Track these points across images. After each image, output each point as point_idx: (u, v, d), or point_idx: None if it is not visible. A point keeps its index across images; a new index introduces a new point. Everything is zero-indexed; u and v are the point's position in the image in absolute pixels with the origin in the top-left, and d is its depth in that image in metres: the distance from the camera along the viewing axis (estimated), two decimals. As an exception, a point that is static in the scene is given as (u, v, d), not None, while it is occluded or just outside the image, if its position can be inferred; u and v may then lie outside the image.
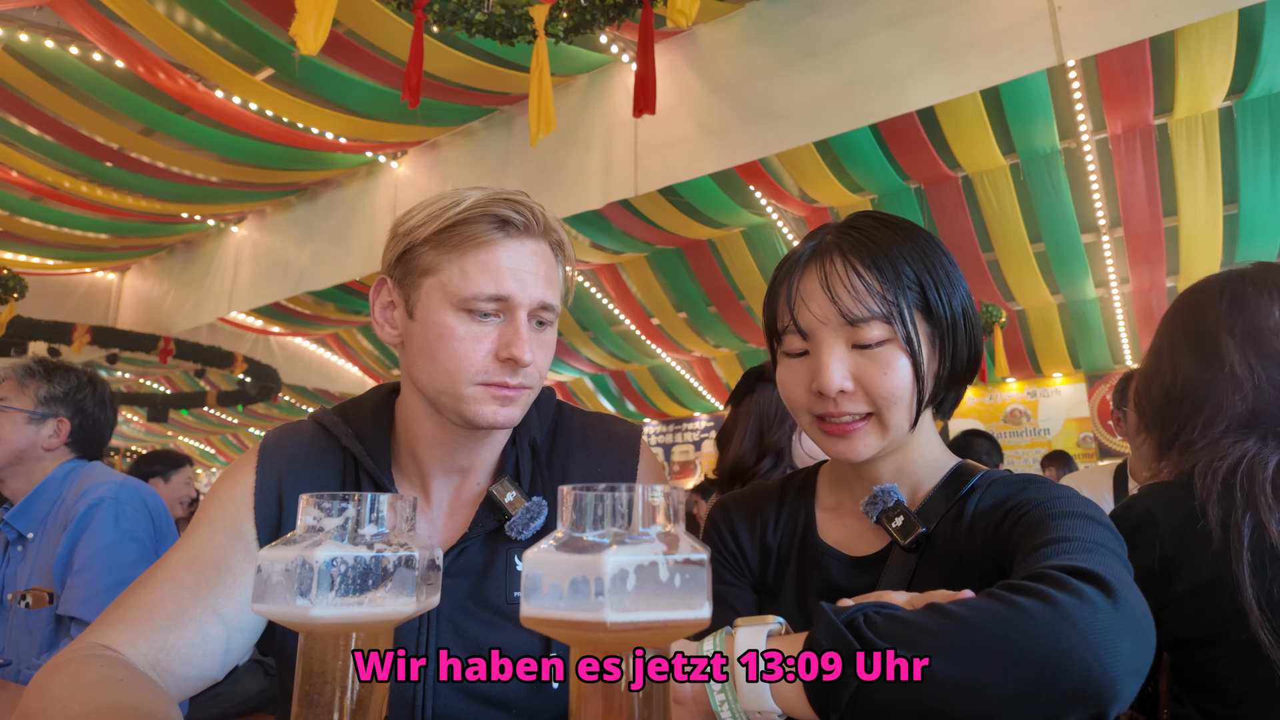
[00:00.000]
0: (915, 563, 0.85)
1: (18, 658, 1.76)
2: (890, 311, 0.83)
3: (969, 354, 0.89)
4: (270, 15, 4.23)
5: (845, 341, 0.85)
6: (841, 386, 0.84)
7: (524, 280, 0.90)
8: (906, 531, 0.85)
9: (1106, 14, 3.51)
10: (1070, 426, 8.52)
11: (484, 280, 0.88)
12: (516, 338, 0.89)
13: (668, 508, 0.45)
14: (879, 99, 4.07)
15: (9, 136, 5.55)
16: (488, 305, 0.89)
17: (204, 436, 14.09)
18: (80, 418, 1.95)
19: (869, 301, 0.83)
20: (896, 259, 0.85)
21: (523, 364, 0.89)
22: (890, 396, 0.84)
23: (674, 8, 2.91)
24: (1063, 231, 5.76)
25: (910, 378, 0.84)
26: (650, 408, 10.47)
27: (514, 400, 0.91)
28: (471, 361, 0.89)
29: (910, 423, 0.86)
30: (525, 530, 0.92)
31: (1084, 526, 0.74)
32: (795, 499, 1.01)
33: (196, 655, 0.84)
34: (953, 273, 0.88)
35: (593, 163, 5.13)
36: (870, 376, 0.84)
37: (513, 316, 0.90)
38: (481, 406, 0.89)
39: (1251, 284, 1.08)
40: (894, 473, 0.92)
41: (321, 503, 0.52)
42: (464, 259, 0.89)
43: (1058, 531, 0.72)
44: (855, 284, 0.84)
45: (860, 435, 0.86)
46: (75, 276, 8.53)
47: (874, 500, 0.88)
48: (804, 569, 0.94)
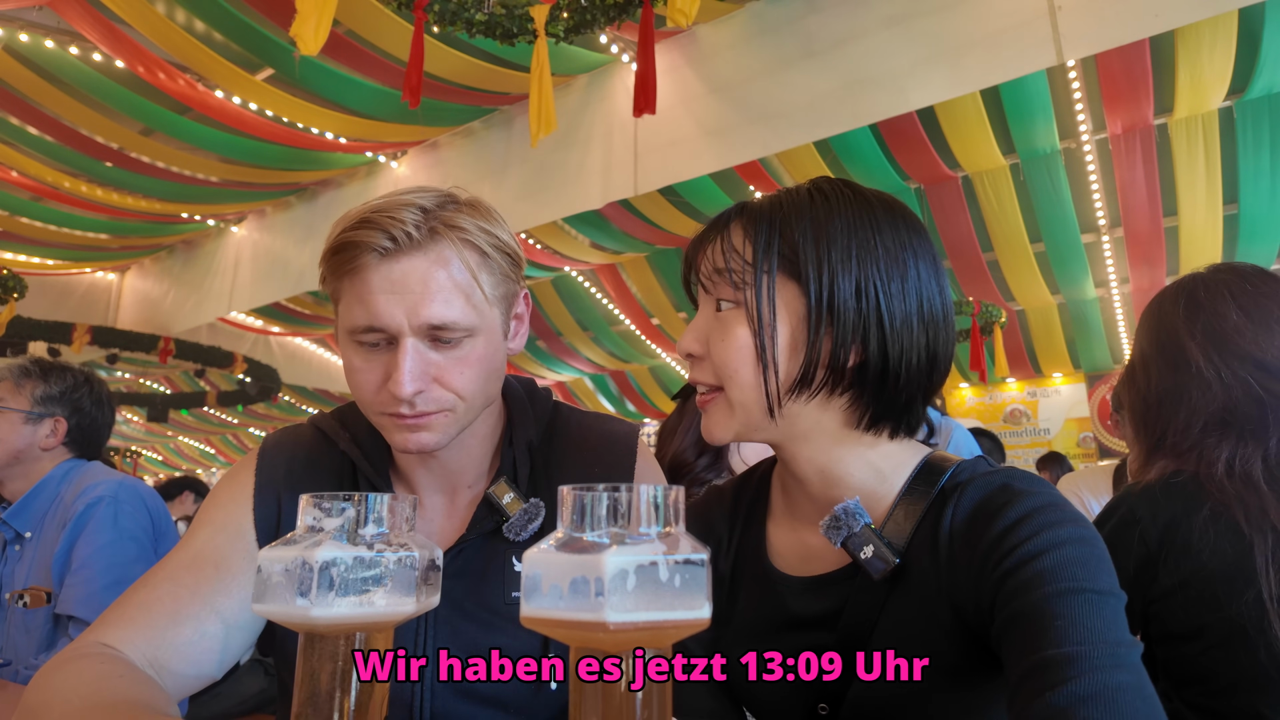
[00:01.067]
0: (886, 592, 0.76)
1: (16, 657, 1.76)
2: (740, 272, 0.76)
3: (893, 359, 0.75)
4: (270, 15, 4.23)
5: (713, 305, 0.79)
6: (689, 349, 0.79)
7: (399, 304, 0.81)
8: (876, 567, 0.74)
9: (1106, 14, 3.51)
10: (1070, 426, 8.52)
11: (358, 311, 0.82)
12: (395, 368, 0.82)
13: (668, 508, 0.45)
14: (879, 99, 4.07)
15: (9, 136, 5.55)
16: (368, 337, 0.83)
17: (204, 436, 14.09)
18: (77, 417, 1.95)
19: (718, 260, 0.77)
20: (779, 223, 0.76)
21: (400, 399, 0.82)
22: (726, 366, 0.76)
23: (674, 7, 2.91)
24: (1063, 231, 5.77)
25: (752, 351, 0.75)
26: (650, 408, 10.47)
27: (424, 426, 0.85)
28: (366, 393, 0.85)
29: (762, 405, 0.76)
30: (523, 532, 0.92)
31: (1086, 613, 0.63)
32: (748, 511, 0.92)
33: (195, 653, 0.84)
34: (876, 262, 0.75)
35: (592, 162, 5.13)
36: (714, 342, 0.78)
37: (396, 345, 0.82)
38: (392, 435, 0.87)
39: (1204, 287, 1.10)
40: (822, 477, 0.80)
41: (321, 503, 0.52)
42: (344, 287, 0.84)
43: (1059, 640, 0.62)
44: (720, 244, 0.78)
45: (711, 410, 0.79)
46: (75, 276, 8.53)
47: (836, 523, 0.76)
48: (755, 595, 0.86)
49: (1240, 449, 0.98)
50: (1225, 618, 0.93)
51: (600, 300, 8.01)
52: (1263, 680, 0.92)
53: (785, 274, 0.75)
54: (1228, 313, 1.06)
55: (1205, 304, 1.08)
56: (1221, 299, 1.08)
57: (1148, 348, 1.15)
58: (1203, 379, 1.04)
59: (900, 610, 0.75)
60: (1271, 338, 1.03)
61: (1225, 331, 1.05)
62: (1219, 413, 1.02)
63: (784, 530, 0.87)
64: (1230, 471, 0.98)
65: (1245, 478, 0.96)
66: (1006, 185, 5.27)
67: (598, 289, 7.86)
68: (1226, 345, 1.05)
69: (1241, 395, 1.01)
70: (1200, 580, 0.96)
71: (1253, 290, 1.07)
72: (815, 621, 0.80)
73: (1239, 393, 1.01)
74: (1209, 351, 1.05)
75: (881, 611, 0.75)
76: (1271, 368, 1.01)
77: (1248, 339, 1.04)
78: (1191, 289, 1.11)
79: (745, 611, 0.86)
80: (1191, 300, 1.10)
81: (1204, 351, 1.05)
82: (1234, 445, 0.99)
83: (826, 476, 0.80)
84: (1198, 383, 1.05)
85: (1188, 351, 1.07)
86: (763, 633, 0.84)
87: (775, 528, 0.89)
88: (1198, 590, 0.96)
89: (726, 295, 0.77)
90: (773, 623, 0.83)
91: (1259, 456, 0.97)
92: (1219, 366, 1.04)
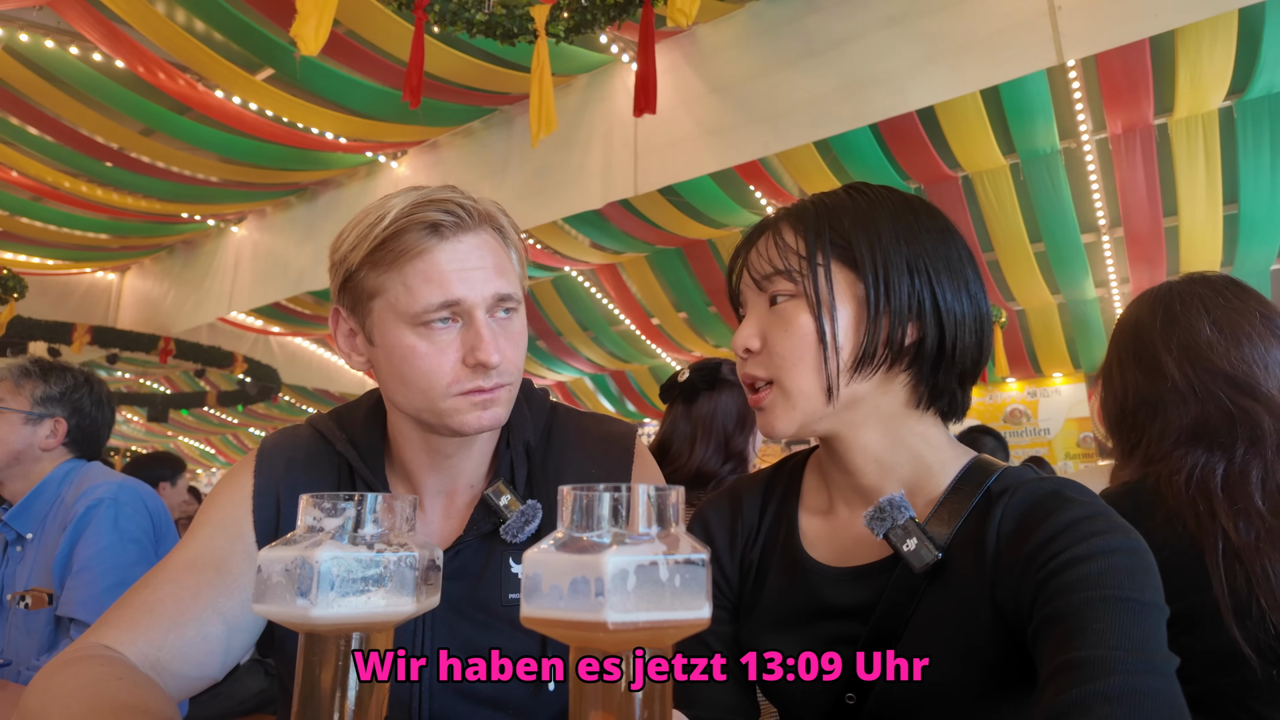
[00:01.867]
0: (924, 584, 0.76)
1: (17, 658, 1.76)
2: (797, 265, 0.79)
3: (949, 335, 0.79)
4: (270, 15, 4.23)
5: (765, 302, 0.82)
6: (747, 344, 0.81)
7: (471, 279, 0.85)
8: (920, 559, 0.75)
9: (1106, 14, 3.51)
10: (1070, 426, 8.52)
11: (429, 290, 0.84)
12: (480, 341, 0.85)
13: (668, 508, 0.45)
14: (879, 99, 4.07)
15: (9, 136, 5.55)
16: (440, 314, 0.84)
17: (204, 436, 14.09)
18: (77, 417, 1.95)
19: (774, 258, 0.81)
20: (827, 215, 0.81)
21: (491, 366, 0.85)
22: (790, 354, 0.78)
23: (674, 6, 2.91)
24: (1063, 231, 5.76)
25: (814, 337, 0.78)
26: (650, 408, 10.46)
27: (495, 401, 0.88)
28: (440, 376, 0.85)
29: (823, 390, 0.78)
30: (520, 534, 0.92)
31: (1125, 620, 0.63)
32: (780, 500, 0.93)
33: (197, 654, 0.84)
34: (928, 240, 0.79)
35: (592, 163, 5.13)
36: (774, 334, 0.80)
37: (471, 319, 0.86)
38: (464, 416, 0.87)
39: (1179, 300, 1.15)
40: (877, 466, 0.82)
41: (321, 503, 0.52)
42: (404, 274, 0.85)
43: (1094, 642, 0.62)
44: (771, 243, 0.82)
45: (770, 406, 0.81)
46: (75, 276, 8.53)
47: (880, 514, 0.77)
48: (785, 582, 0.86)
49: (1206, 459, 1.03)
50: (1182, 610, 0.99)
51: (600, 300, 8.01)
52: (1228, 664, 0.96)
53: (839, 261, 0.79)
54: (1201, 327, 1.10)
55: (1180, 318, 1.13)
56: (1196, 313, 1.12)
57: (1125, 355, 1.19)
58: (1178, 392, 1.09)
59: (936, 605, 0.76)
60: (1241, 352, 1.07)
61: (1199, 346, 1.09)
62: (1191, 425, 1.07)
63: (818, 520, 0.88)
64: (1190, 480, 1.02)
65: (1201, 485, 1.01)
66: (1006, 185, 5.27)
67: (598, 289, 7.86)
68: (1200, 360, 1.09)
69: (1214, 409, 1.05)
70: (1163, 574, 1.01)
71: (1225, 305, 1.12)
72: (848, 612, 0.80)
73: (1211, 406, 1.05)
74: (1184, 366, 1.10)
75: (918, 607, 0.76)
76: (1241, 383, 1.05)
77: (1219, 354, 1.08)
78: (1168, 301, 1.16)
79: (773, 598, 0.87)
80: (1168, 313, 1.14)
81: (1179, 366, 1.10)
82: (1200, 456, 1.04)
83: (880, 465, 0.82)
84: (1173, 396, 1.09)
85: (1164, 365, 1.12)
86: (792, 620, 0.84)
87: (808, 517, 0.89)
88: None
89: (784, 289, 0.80)
90: (803, 611, 0.83)
91: (1221, 466, 1.02)
92: (1193, 381, 1.08)
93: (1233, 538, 0.96)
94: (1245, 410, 1.03)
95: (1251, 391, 1.04)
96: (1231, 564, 0.96)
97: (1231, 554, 0.96)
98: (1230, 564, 0.96)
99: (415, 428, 0.93)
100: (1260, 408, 1.02)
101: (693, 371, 1.89)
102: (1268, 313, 1.11)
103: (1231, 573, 0.95)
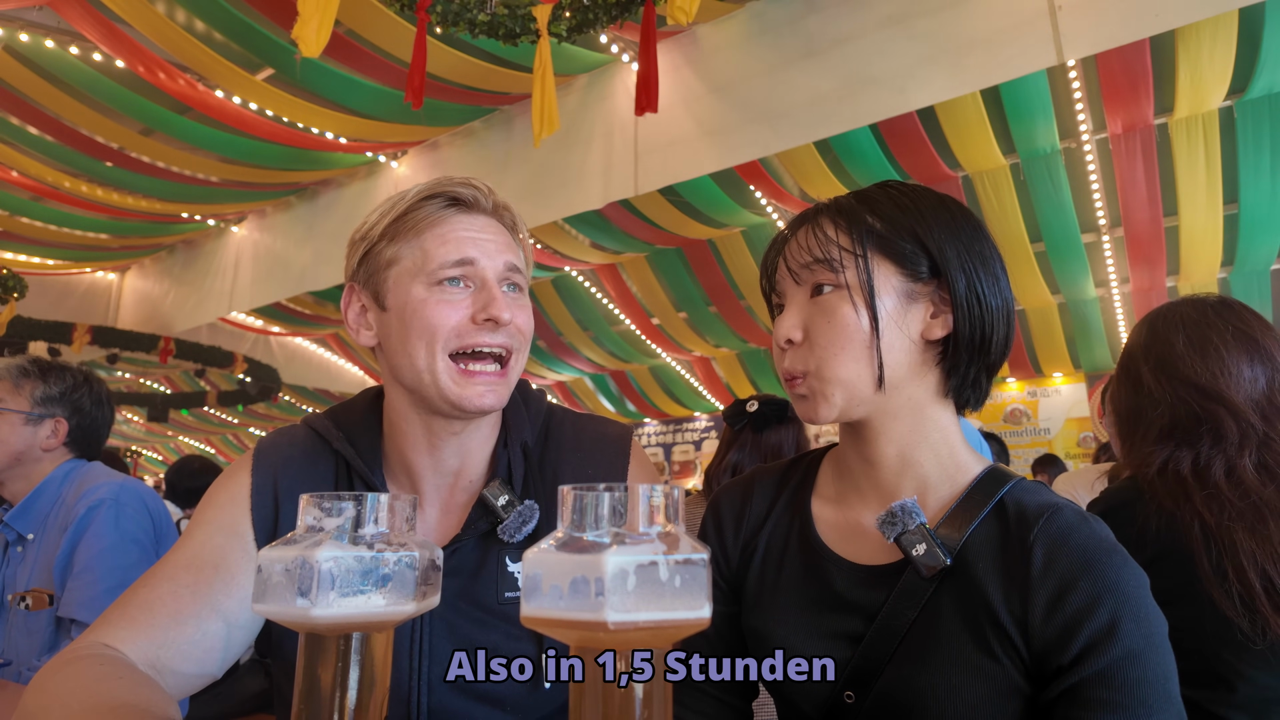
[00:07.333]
0: (931, 591, 0.78)
1: (18, 658, 1.75)
2: (838, 256, 0.80)
3: (985, 326, 0.81)
4: (271, 15, 4.23)
5: (806, 294, 0.83)
6: (789, 335, 0.82)
7: (485, 247, 0.91)
8: (929, 564, 0.77)
9: (1106, 14, 3.51)
10: (1070, 426, 8.51)
11: (445, 250, 0.89)
12: (492, 299, 0.89)
13: (667, 508, 0.45)
14: (879, 99, 4.07)
15: (9, 136, 5.55)
16: (454, 271, 0.89)
17: (204, 436, 14.09)
18: (78, 417, 1.94)
19: (815, 249, 0.82)
20: (866, 207, 0.83)
21: (502, 323, 0.89)
22: (833, 344, 0.79)
23: (674, 5, 2.91)
24: (1063, 231, 5.76)
25: (856, 326, 0.79)
26: (650, 408, 10.47)
27: (491, 382, 0.91)
28: (446, 324, 0.88)
29: (870, 379, 0.80)
30: (517, 534, 0.93)
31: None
32: (794, 490, 0.94)
33: (197, 652, 0.84)
34: (965, 235, 0.82)
35: (593, 163, 5.13)
36: (816, 325, 0.81)
37: (484, 283, 0.91)
38: (463, 390, 0.89)
39: (1162, 320, 1.29)
40: (899, 460, 0.83)
41: (322, 503, 0.52)
42: (421, 239, 0.91)
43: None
44: (811, 235, 0.83)
45: (811, 395, 0.82)
46: (75, 276, 8.53)
47: (891, 519, 0.79)
48: (801, 575, 0.87)
49: (1175, 453, 1.18)
50: (1175, 584, 1.08)
51: (600, 300, 8.01)
52: (1215, 627, 1.07)
53: (879, 253, 0.81)
54: (1175, 341, 1.24)
55: (1160, 334, 1.27)
56: (1174, 329, 1.26)
57: (1120, 372, 1.35)
58: (1153, 399, 1.23)
59: (941, 609, 0.77)
60: (1208, 363, 1.21)
61: (1172, 358, 1.24)
62: (1165, 426, 1.21)
63: (830, 511, 0.90)
64: (1163, 470, 1.17)
65: (1175, 474, 1.15)
66: (1006, 185, 5.27)
67: (598, 289, 7.86)
68: (1171, 370, 1.23)
69: (1184, 413, 1.19)
70: (1157, 558, 1.12)
71: (1199, 321, 1.25)
72: (856, 608, 0.82)
73: (1181, 410, 1.20)
74: (1159, 376, 1.24)
75: (923, 609, 0.78)
76: (1207, 390, 1.18)
77: (1187, 364, 1.22)
78: (1153, 320, 1.31)
79: (791, 584, 0.88)
80: (1151, 331, 1.29)
81: (1155, 377, 1.25)
82: (1170, 451, 1.18)
83: (901, 459, 0.83)
84: (1149, 402, 1.24)
85: (1144, 377, 1.27)
86: (805, 606, 0.85)
87: (821, 507, 0.91)
88: (1156, 565, 1.07)
89: (827, 280, 0.81)
90: (816, 599, 0.85)
91: (1188, 460, 1.16)
92: (1165, 388, 1.22)
93: (1206, 518, 1.10)
94: (1210, 413, 1.17)
95: (1216, 397, 1.17)
96: (1207, 539, 1.09)
97: (1207, 530, 1.09)
98: (1206, 539, 1.09)
99: (414, 409, 0.94)
100: (1224, 410, 1.16)
101: (762, 404, 2.05)
102: (1243, 328, 1.22)
103: (1208, 546, 1.09)
